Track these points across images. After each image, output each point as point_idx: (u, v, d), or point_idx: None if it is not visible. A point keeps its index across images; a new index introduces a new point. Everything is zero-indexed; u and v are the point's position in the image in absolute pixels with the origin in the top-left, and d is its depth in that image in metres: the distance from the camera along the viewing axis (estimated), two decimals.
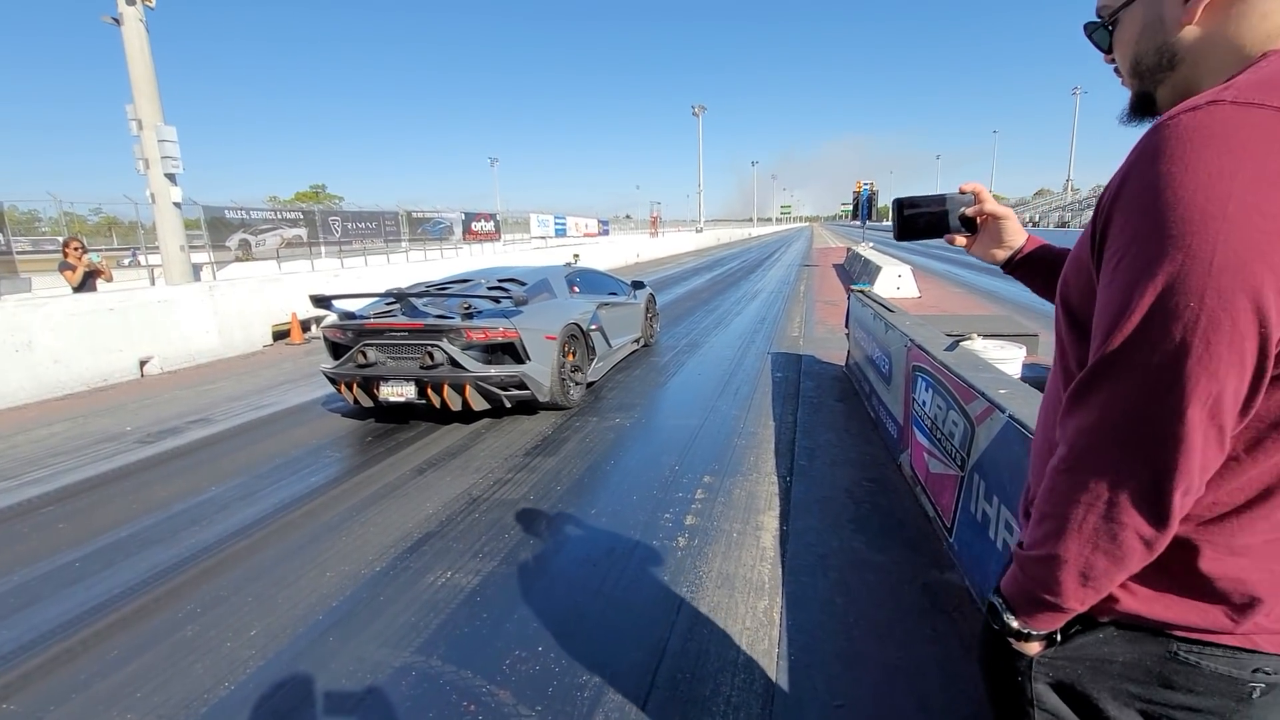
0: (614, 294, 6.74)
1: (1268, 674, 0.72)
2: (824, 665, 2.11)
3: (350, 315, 4.93)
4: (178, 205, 10.43)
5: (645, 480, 3.71)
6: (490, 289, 5.26)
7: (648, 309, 7.65)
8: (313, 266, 19.38)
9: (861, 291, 5.74)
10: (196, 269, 12.24)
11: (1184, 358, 0.62)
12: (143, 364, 7.14)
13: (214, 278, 14.16)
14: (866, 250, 17.70)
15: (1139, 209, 0.65)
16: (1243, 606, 0.71)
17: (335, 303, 4.99)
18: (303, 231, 23.15)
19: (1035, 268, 1.14)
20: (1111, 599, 0.75)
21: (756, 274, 18.37)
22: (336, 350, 4.93)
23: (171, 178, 10.12)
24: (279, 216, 21.82)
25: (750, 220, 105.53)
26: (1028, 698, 0.84)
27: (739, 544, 2.93)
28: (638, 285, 7.54)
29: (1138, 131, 0.72)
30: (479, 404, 4.62)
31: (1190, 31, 0.75)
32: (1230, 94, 0.63)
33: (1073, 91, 62.81)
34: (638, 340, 7.27)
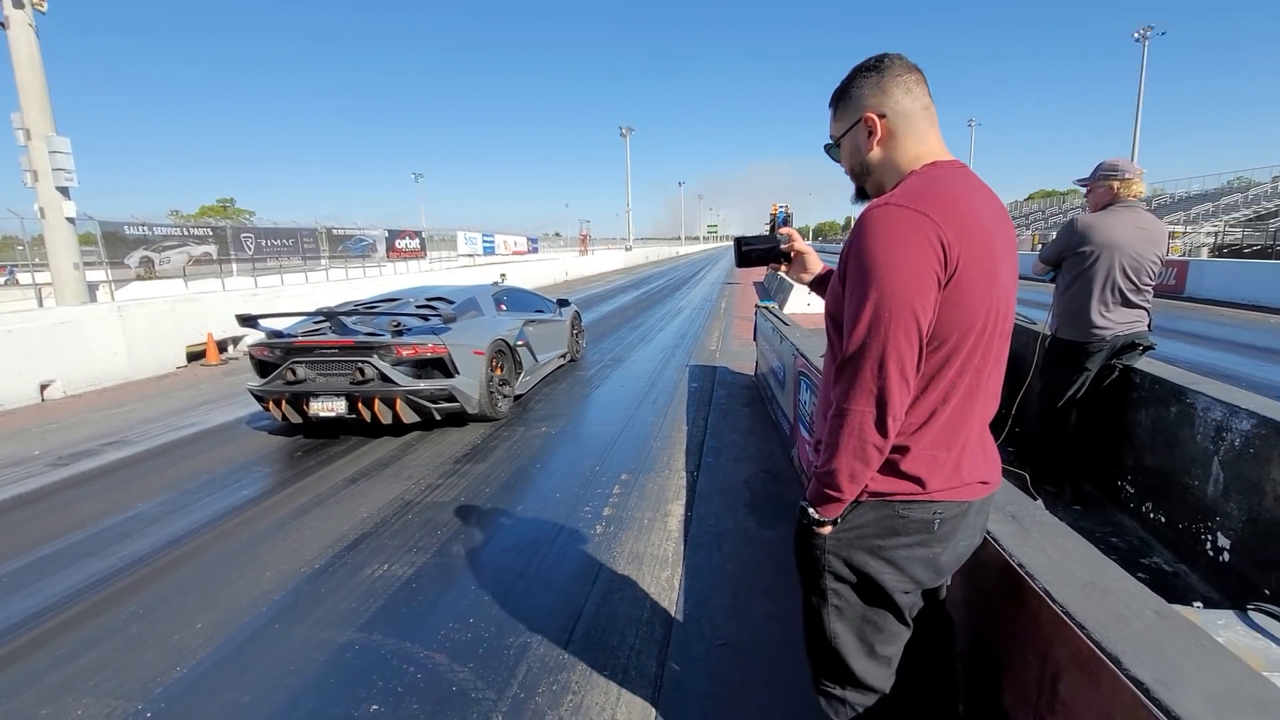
0: (540, 311, 7.09)
1: (940, 515, 1.22)
2: (712, 617, 2.54)
3: (278, 334, 5.05)
4: (71, 220, 9.93)
5: (568, 480, 4.08)
6: (419, 307, 5.50)
7: (573, 326, 8.03)
8: (224, 286, 18.62)
9: (765, 308, 6.36)
10: (92, 288, 11.62)
11: (886, 344, 1.09)
12: (43, 388, 6.85)
13: (112, 297, 13.44)
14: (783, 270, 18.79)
15: (856, 262, 1.14)
16: (925, 480, 1.20)
17: (262, 321, 5.09)
18: (213, 249, 22.14)
19: (825, 286, 1.63)
20: (864, 486, 1.22)
21: (681, 291, 19.12)
22: (264, 368, 5.03)
23: (64, 191, 9.67)
24: (186, 233, 20.81)
25: (679, 239, 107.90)
26: (821, 566, 1.30)
27: (649, 528, 3.35)
28: (563, 303, 7.92)
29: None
30: (409, 417, 4.85)
31: (875, 154, 1.27)
32: (894, 199, 1.13)
33: (968, 124, 68.55)
34: (564, 355, 7.63)
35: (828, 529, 1.27)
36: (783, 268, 1.70)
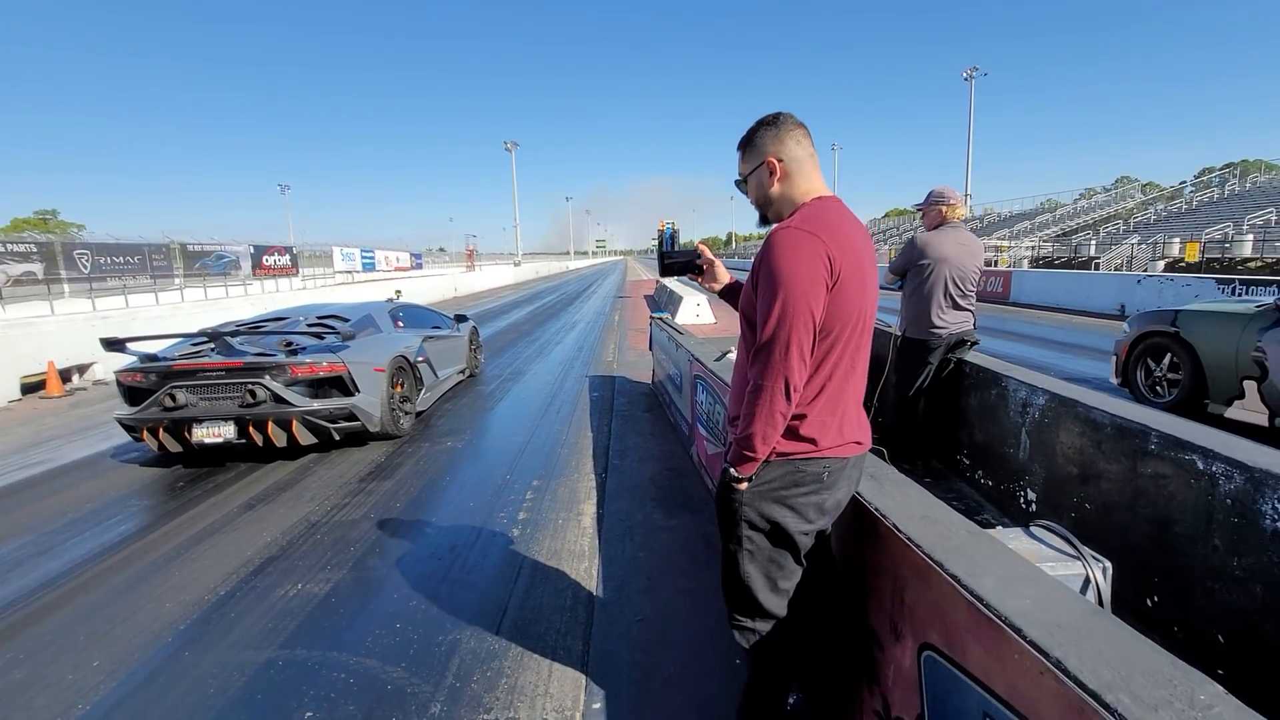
0: (438, 328, 7.04)
1: (829, 468, 1.55)
2: (630, 597, 2.79)
3: (152, 357, 4.70)
4: None
5: (480, 490, 4.17)
6: (310, 326, 5.33)
7: (471, 341, 8.03)
8: (52, 309, 16.36)
9: (660, 319, 6.76)
10: None
11: (790, 333, 1.41)
12: None
13: None
14: (673, 283, 19.60)
15: (766, 271, 1.46)
16: (818, 440, 1.53)
17: (131, 345, 4.72)
18: (37, 267, 19.50)
19: (733, 293, 1.95)
20: (773, 448, 1.52)
21: (575, 306, 19.35)
22: (134, 395, 4.66)
23: None
24: (4, 249, 18.14)
25: (567, 253, 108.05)
26: (739, 517, 1.59)
27: (564, 528, 3.54)
28: (460, 319, 7.89)
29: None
30: (306, 439, 4.69)
31: (774, 189, 1.60)
32: (794, 224, 1.47)
33: (832, 147, 74.72)
34: (463, 371, 7.61)
35: (744, 485, 1.57)
36: (699, 277, 2.01)
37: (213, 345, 4.85)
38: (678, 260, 2.00)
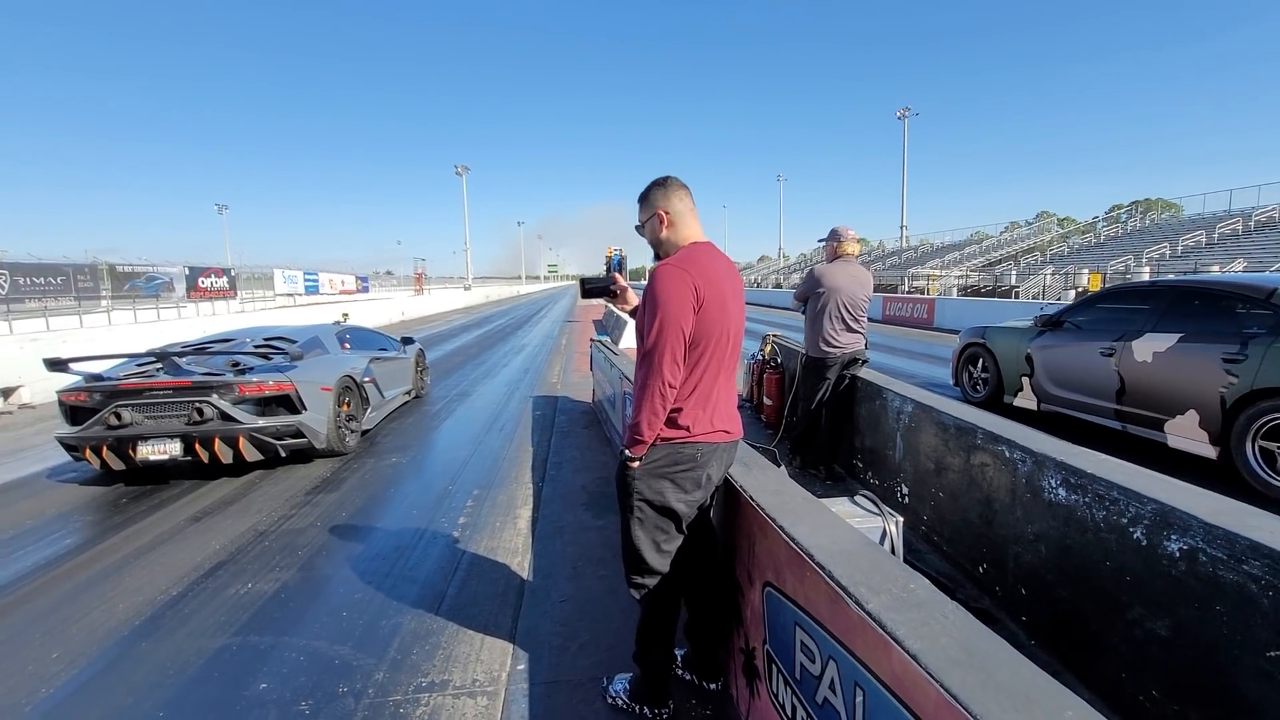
0: (384, 349, 7.28)
1: (700, 450, 1.98)
2: (556, 584, 3.16)
3: (97, 377, 4.81)
4: None
5: (423, 500, 4.46)
6: (258, 347, 5.52)
7: (418, 363, 8.26)
8: None
9: (599, 341, 7.19)
10: None
11: (664, 344, 1.86)
12: None
13: None
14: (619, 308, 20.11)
15: (649, 297, 1.91)
16: (691, 428, 1.96)
17: (74, 365, 4.82)
18: None
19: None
20: (659, 434, 1.94)
21: (524, 329, 19.62)
22: (77, 415, 4.75)
23: None
24: None
25: (519, 278, 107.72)
26: (631, 490, 2.00)
27: (501, 529, 3.88)
28: (407, 341, 8.13)
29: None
30: (253, 455, 4.87)
31: (663, 234, 2.06)
32: (671, 262, 1.93)
33: (777, 179, 77.73)
34: (409, 392, 7.82)
35: (636, 464, 1.99)
36: (614, 300, 2.45)
37: (160, 365, 5.00)
38: (596, 285, 2.44)
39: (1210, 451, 4.46)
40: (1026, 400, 6.22)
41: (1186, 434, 4.61)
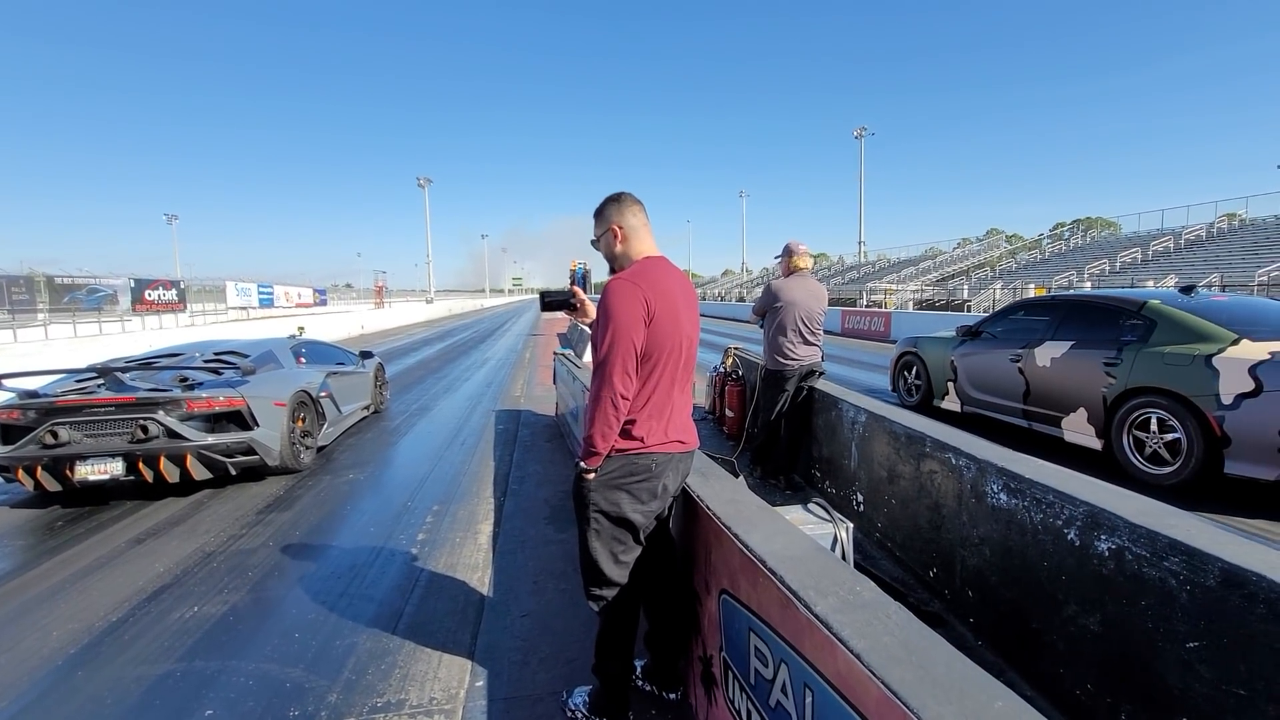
0: (342, 364, 7.12)
1: (655, 460, 2.01)
2: (517, 598, 3.14)
3: (32, 394, 4.59)
4: None
5: (380, 516, 4.37)
6: (208, 361, 5.35)
7: (376, 377, 8.10)
8: None
9: (562, 354, 7.19)
10: None
11: (617, 355, 1.88)
12: None
13: None
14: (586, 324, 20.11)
15: (602, 310, 1.93)
16: (645, 439, 1.99)
17: (8, 382, 4.59)
18: None
19: None
20: (613, 445, 1.96)
21: (487, 343, 19.43)
22: (9, 434, 4.52)
23: None
24: None
25: (483, 291, 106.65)
26: (588, 501, 2.01)
27: (461, 545, 3.83)
28: (366, 355, 7.98)
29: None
30: (201, 474, 4.70)
31: (618, 249, 2.10)
32: (624, 276, 1.96)
33: (740, 195, 79.16)
34: (368, 407, 7.67)
35: (592, 475, 2.01)
36: (574, 314, 2.47)
37: (101, 381, 4.80)
38: (555, 299, 2.46)
39: (1097, 444, 5.04)
40: (952, 403, 6.74)
41: (1078, 429, 5.21)
